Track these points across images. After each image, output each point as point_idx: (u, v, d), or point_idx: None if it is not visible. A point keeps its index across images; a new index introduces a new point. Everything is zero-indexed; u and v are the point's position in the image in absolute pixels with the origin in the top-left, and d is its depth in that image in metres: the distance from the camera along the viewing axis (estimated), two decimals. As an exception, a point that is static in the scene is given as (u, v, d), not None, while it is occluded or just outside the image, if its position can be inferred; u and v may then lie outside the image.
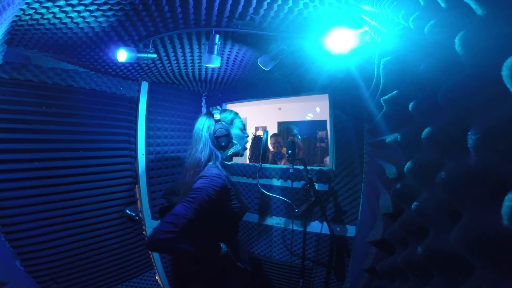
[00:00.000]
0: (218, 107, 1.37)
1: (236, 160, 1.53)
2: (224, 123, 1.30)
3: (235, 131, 1.34)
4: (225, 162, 1.34)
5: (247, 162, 3.44)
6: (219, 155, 1.28)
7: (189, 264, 1.25)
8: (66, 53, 1.44)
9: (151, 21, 1.19)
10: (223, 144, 1.28)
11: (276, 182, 2.09)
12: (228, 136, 1.28)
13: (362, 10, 1.03)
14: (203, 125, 1.31)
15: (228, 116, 1.34)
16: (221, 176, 1.17)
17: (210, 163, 1.25)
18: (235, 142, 1.32)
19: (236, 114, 1.39)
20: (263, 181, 2.12)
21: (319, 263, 1.94)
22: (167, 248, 1.06)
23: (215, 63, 1.30)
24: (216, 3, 1.05)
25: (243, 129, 1.38)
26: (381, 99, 0.79)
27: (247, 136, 1.40)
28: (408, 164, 0.58)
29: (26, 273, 1.40)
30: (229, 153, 1.33)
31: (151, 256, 2.04)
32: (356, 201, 1.81)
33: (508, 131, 0.29)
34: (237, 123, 1.35)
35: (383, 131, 0.89)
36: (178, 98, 2.25)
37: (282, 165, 2.50)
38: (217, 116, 1.29)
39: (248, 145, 1.44)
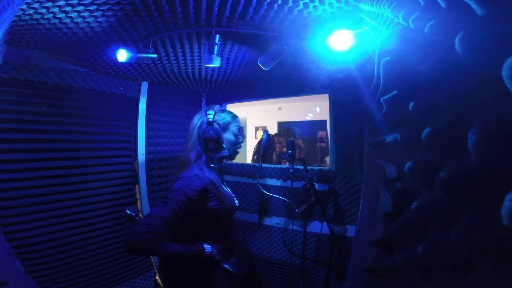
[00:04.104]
0: (217, 107, 1.33)
1: (236, 160, 1.52)
2: (217, 126, 1.26)
3: (228, 135, 1.30)
4: (212, 165, 1.29)
5: (248, 161, 3.44)
6: (204, 157, 1.25)
7: (178, 265, 1.25)
8: (66, 53, 1.44)
9: (151, 21, 1.19)
10: (210, 147, 1.25)
11: (276, 182, 2.09)
12: (217, 140, 1.25)
13: (362, 10, 1.03)
14: (196, 124, 1.29)
15: (225, 119, 1.30)
16: (199, 177, 1.16)
17: (195, 163, 1.24)
18: (224, 146, 1.29)
19: (234, 117, 1.34)
20: (263, 181, 2.12)
21: (319, 263, 1.94)
22: (144, 250, 1.00)
23: (215, 63, 1.30)
24: (216, 3, 1.05)
25: (238, 134, 1.34)
26: (381, 99, 0.79)
27: (241, 142, 1.37)
28: (408, 164, 0.58)
29: (26, 273, 1.40)
30: (217, 156, 1.29)
31: (151, 256, 2.04)
32: (356, 201, 1.81)
33: (508, 131, 0.29)
34: (232, 127, 1.31)
35: (383, 131, 0.89)
36: (178, 98, 2.25)
37: (286, 165, 2.50)
38: (210, 117, 1.25)
39: (244, 149, 1.42)
